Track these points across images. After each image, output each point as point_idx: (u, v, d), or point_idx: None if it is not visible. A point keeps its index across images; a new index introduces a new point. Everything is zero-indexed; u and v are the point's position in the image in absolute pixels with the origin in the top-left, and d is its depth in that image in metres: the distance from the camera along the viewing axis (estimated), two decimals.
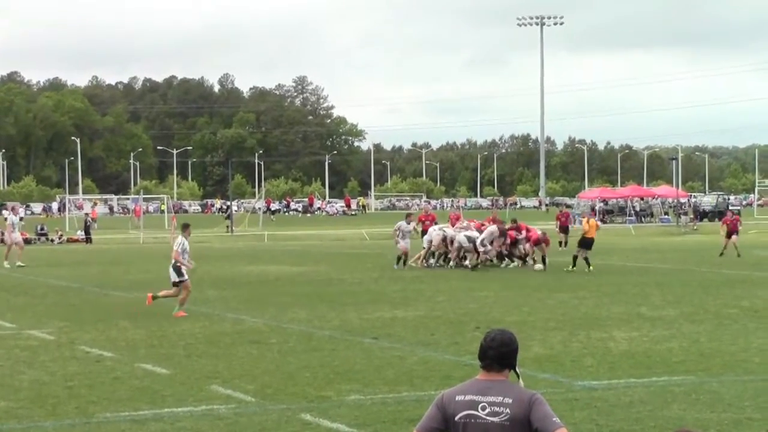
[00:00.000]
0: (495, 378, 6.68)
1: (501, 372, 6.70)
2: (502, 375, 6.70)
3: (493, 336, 6.79)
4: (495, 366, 6.70)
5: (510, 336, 6.80)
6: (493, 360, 6.70)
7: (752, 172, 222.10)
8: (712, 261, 41.56)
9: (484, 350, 6.75)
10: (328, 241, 66.10)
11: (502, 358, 6.70)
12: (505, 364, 6.72)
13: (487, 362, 6.72)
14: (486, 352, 6.73)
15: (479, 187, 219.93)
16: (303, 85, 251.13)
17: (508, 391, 6.61)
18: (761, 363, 17.18)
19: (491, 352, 6.72)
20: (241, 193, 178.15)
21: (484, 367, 6.73)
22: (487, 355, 6.72)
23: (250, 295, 29.62)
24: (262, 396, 14.69)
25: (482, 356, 6.75)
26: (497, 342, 6.74)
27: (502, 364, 6.71)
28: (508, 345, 6.74)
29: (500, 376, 6.69)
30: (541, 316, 23.76)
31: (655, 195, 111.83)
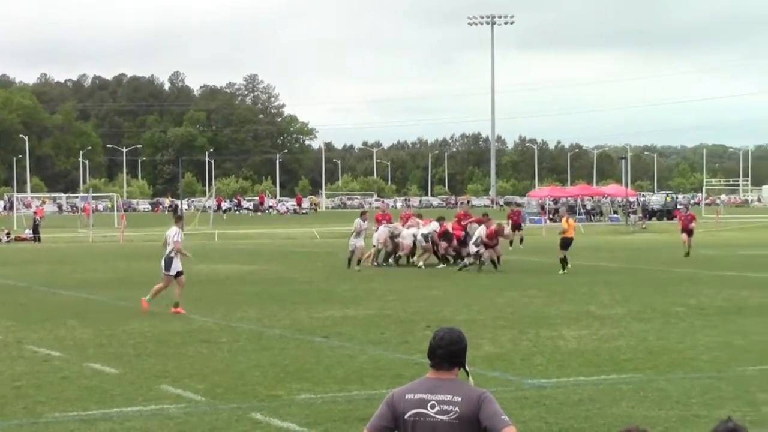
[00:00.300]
0: (444, 376, 6.70)
1: (450, 370, 6.73)
2: (451, 373, 6.72)
3: (442, 335, 6.81)
4: (444, 364, 6.72)
5: (459, 334, 6.82)
6: (442, 358, 6.72)
7: (700, 171, 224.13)
8: (661, 259, 41.91)
9: (433, 349, 6.77)
10: (278, 240, 65.98)
11: (451, 357, 6.72)
12: (455, 362, 6.74)
13: (436, 361, 6.74)
14: (435, 351, 6.75)
15: (430, 186, 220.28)
16: (254, 84, 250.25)
17: (458, 389, 6.63)
18: (708, 361, 17.35)
19: (440, 350, 6.73)
20: (191, 191, 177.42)
21: (433, 365, 6.75)
22: (437, 354, 6.74)
23: (200, 294, 29.48)
24: (212, 395, 14.64)
25: (431, 355, 6.77)
26: (446, 341, 6.76)
27: (452, 363, 6.73)
28: (457, 343, 6.76)
29: (450, 375, 6.71)
30: (491, 314, 23.85)
31: (604, 194, 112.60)
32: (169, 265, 25.10)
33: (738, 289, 29.58)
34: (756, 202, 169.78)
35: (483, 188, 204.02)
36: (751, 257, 43.75)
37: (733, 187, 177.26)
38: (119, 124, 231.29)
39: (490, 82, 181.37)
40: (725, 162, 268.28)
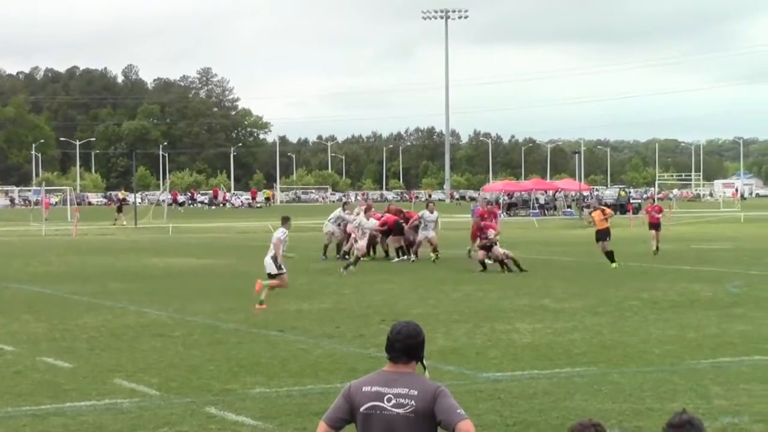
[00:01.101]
0: (401, 370, 6.72)
1: (408, 364, 6.75)
2: (408, 367, 6.74)
3: (399, 328, 6.82)
4: (402, 358, 6.74)
5: (416, 328, 6.84)
6: (400, 352, 6.74)
7: (653, 165, 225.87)
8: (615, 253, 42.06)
9: (391, 343, 6.78)
10: (233, 234, 65.72)
11: (408, 350, 6.74)
12: (412, 356, 6.76)
13: (393, 354, 6.76)
14: (393, 345, 6.77)
15: (385, 180, 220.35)
16: (208, 77, 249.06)
17: (414, 383, 6.64)
18: (661, 354, 17.48)
19: (398, 344, 6.75)
20: (145, 185, 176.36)
21: (391, 359, 6.77)
22: (394, 348, 6.75)
23: (154, 287, 29.37)
24: (167, 389, 14.58)
25: (389, 348, 6.78)
26: (403, 334, 6.77)
27: (409, 356, 6.75)
28: (414, 337, 6.78)
29: (407, 368, 6.73)
30: (446, 308, 23.91)
31: (558, 188, 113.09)
32: (277, 263, 24.85)
33: (691, 282, 29.80)
34: (708, 196, 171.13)
35: (437, 182, 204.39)
36: (704, 251, 44.09)
37: (685, 181, 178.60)
38: (72, 117, 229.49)
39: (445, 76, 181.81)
40: (677, 156, 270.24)
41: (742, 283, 29.41)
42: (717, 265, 35.75)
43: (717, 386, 14.65)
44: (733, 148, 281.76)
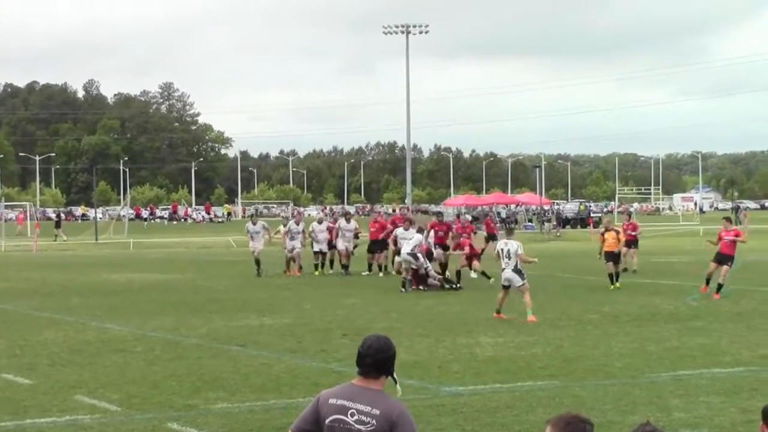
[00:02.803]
0: (369, 385, 6.69)
1: (378, 378, 6.72)
2: (378, 382, 6.72)
3: (370, 342, 6.79)
4: (372, 372, 6.71)
5: (386, 342, 6.81)
6: (370, 367, 6.71)
7: (613, 180, 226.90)
8: (575, 267, 42.31)
9: (361, 357, 6.74)
10: (194, 249, 65.56)
11: (378, 365, 6.72)
12: (382, 370, 6.74)
13: (363, 369, 6.73)
14: (363, 359, 6.73)
15: (346, 194, 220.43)
16: (169, 92, 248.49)
17: (378, 402, 6.62)
18: (622, 367, 17.58)
19: (368, 359, 6.72)
20: (105, 200, 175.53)
21: (360, 373, 6.74)
22: (364, 362, 6.72)
23: (115, 303, 29.23)
24: (128, 405, 14.51)
25: (359, 362, 6.75)
26: (374, 348, 6.74)
27: (379, 371, 6.72)
28: (384, 351, 6.76)
29: (376, 384, 6.70)
30: (408, 322, 23.93)
31: (519, 202, 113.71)
32: (522, 274, 24.59)
33: (651, 296, 30.00)
34: (667, 210, 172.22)
35: (399, 196, 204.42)
36: (664, 264, 44.37)
37: (645, 195, 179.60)
38: (32, 132, 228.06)
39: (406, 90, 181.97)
40: (637, 170, 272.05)
41: (701, 297, 29.61)
42: (677, 279, 35.99)
43: (677, 399, 14.76)
44: (692, 162, 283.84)
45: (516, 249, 24.69)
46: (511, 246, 24.81)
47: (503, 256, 24.77)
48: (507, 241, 25.28)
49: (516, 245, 24.87)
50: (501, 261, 24.84)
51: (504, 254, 24.77)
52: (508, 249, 24.75)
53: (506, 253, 24.73)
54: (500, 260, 24.90)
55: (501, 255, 24.88)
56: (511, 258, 24.59)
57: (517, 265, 24.58)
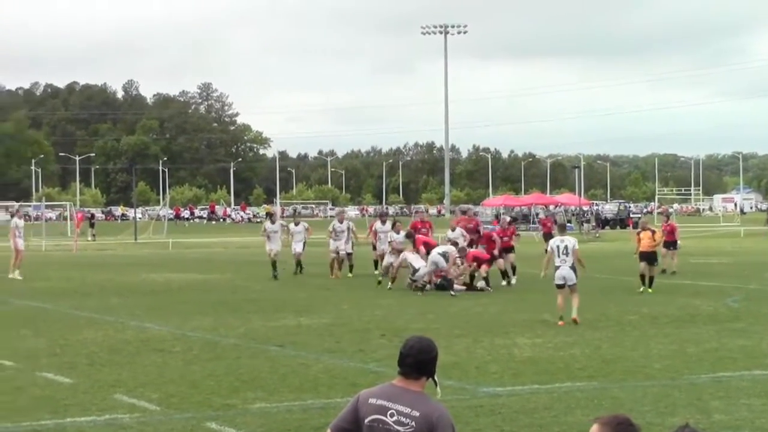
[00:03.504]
0: (410, 386, 6.66)
1: (418, 380, 6.68)
2: (418, 383, 6.68)
3: (412, 343, 6.75)
4: (413, 373, 6.68)
5: (429, 343, 6.77)
6: (411, 367, 6.67)
7: (652, 180, 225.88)
8: (614, 268, 42.11)
9: (403, 357, 6.71)
10: (233, 249, 65.77)
11: (419, 366, 6.68)
12: (423, 371, 6.69)
13: (404, 369, 6.69)
14: (404, 360, 6.70)
15: (384, 195, 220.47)
16: (208, 92, 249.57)
17: (418, 404, 6.58)
18: (661, 369, 17.48)
19: (409, 359, 6.68)
20: (145, 200, 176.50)
21: (401, 373, 6.71)
22: (405, 363, 6.68)
23: (154, 302, 29.37)
24: (167, 405, 14.57)
25: (400, 363, 6.72)
26: (416, 349, 6.70)
27: (420, 372, 6.68)
28: (426, 352, 6.72)
29: (416, 385, 6.67)
30: (446, 323, 23.89)
31: (558, 203, 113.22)
32: (576, 272, 23.92)
33: (690, 297, 29.83)
34: (707, 211, 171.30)
35: (437, 197, 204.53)
36: (704, 265, 44.09)
37: (685, 196, 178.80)
38: (72, 132, 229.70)
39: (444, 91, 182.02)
40: (677, 171, 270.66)
41: (741, 298, 29.44)
42: (717, 280, 35.76)
43: (717, 401, 14.65)
44: (733, 163, 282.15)
45: (574, 245, 23.96)
46: (568, 242, 24.00)
47: (559, 253, 23.86)
48: (563, 237, 24.39)
49: (573, 241, 24.15)
50: (555, 258, 23.95)
51: (561, 251, 23.86)
52: (565, 245, 23.88)
53: (563, 249, 23.86)
54: (554, 258, 24.01)
55: (557, 252, 23.93)
56: (569, 255, 23.79)
57: (574, 263, 23.87)
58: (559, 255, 23.89)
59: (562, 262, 23.81)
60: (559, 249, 23.93)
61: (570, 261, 23.75)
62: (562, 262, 23.82)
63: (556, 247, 24.05)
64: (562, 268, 23.81)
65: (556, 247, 24.07)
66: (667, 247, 39.74)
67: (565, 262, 23.77)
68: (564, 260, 23.78)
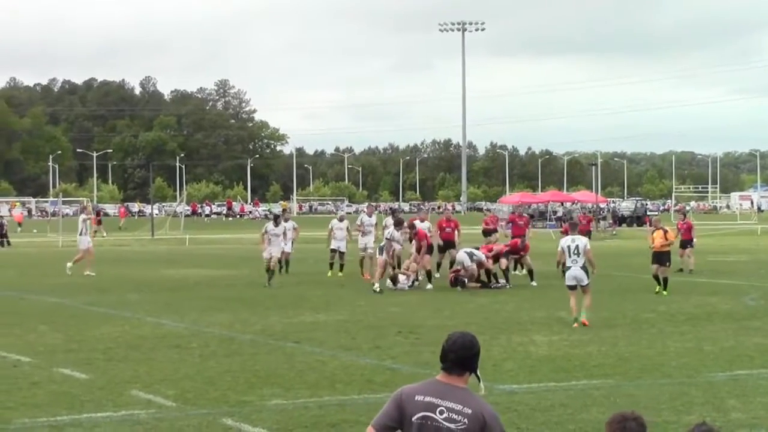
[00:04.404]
0: (455, 382, 6.68)
1: (461, 376, 6.71)
2: (462, 379, 6.71)
3: (455, 339, 6.77)
4: (455, 369, 6.70)
5: (471, 339, 6.80)
6: (454, 363, 6.69)
7: (669, 178, 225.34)
8: (630, 266, 42.01)
9: (445, 353, 6.73)
10: (249, 245, 65.77)
11: (462, 362, 6.70)
12: (466, 367, 6.72)
13: (447, 365, 6.71)
14: (447, 355, 6.72)
15: (401, 192, 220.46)
16: (225, 89, 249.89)
17: (469, 401, 6.61)
18: (677, 367, 17.44)
19: (452, 355, 6.70)
20: (162, 196, 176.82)
21: (444, 369, 6.72)
22: (448, 358, 6.71)
23: (170, 298, 29.42)
24: (183, 401, 14.59)
25: (443, 359, 6.75)
26: (458, 345, 6.73)
27: (463, 368, 6.71)
28: (469, 348, 6.74)
29: (460, 381, 6.69)
30: (462, 320, 23.86)
31: (574, 200, 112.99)
32: (587, 274, 23.15)
33: (707, 295, 29.75)
34: (725, 208, 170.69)
35: (454, 194, 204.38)
36: (720, 263, 43.97)
37: (702, 193, 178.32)
38: (89, 128, 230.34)
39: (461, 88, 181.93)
40: (694, 169, 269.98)
41: (758, 296, 29.36)
42: (734, 278, 35.66)
43: (734, 399, 14.62)
44: (750, 161, 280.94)
45: (585, 245, 23.27)
46: (579, 242, 23.30)
47: (570, 253, 23.16)
48: (574, 237, 23.65)
49: (585, 241, 23.48)
50: (566, 259, 23.31)
51: (572, 251, 23.15)
52: (576, 245, 23.18)
53: (574, 249, 23.15)
54: (565, 257, 23.37)
55: (567, 252, 23.24)
56: (580, 255, 23.08)
57: (585, 264, 23.14)
58: (570, 255, 23.24)
59: (573, 263, 23.16)
60: (570, 249, 23.26)
61: (581, 261, 23.09)
62: (573, 262, 23.17)
63: (567, 247, 23.35)
64: (573, 269, 23.17)
65: (567, 247, 23.36)
66: (683, 246, 39.55)
67: (576, 262, 23.11)
68: (575, 260, 23.13)
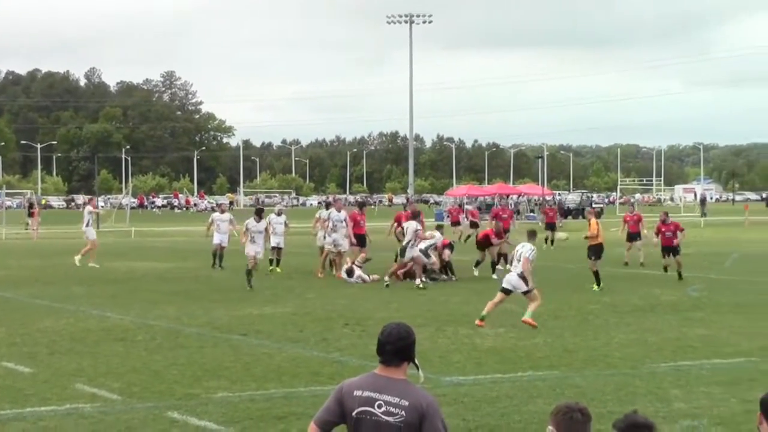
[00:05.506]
0: (393, 375, 6.70)
1: (399, 366, 6.73)
2: (400, 370, 6.73)
3: (390, 330, 6.80)
4: (394, 360, 6.72)
5: (407, 329, 6.83)
6: (392, 354, 6.71)
7: (614, 171, 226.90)
8: (576, 258, 42.16)
9: (382, 345, 6.75)
10: (196, 238, 65.49)
11: (399, 352, 6.72)
12: (404, 357, 6.75)
13: (385, 357, 6.73)
14: (384, 347, 6.74)
15: (348, 184, 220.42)
16: (171, 81, 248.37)
17: (406, 392, 6.63)
18: (622, 357, 17.60)
19: (389, 346, 6.72)
20: (107, 188, 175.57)
21: (382, 361, 6.74)
22: (385, 350, 6.73)
23: (116, 291, 29.23)
24: (129, 394, 14.51)
25: (380, 351, 6.76)
26: (394, 336, 6.75)
27: (401, 358, 6.74)
28: (404, 338, 6.77)
29: (399, 373, 6.72)
30: (409, 312, 23.89)
31: (521, 193, 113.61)
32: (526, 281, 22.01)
33: (652, 287, 30.01)
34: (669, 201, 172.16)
35: (401, 186, 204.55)
36: None
37: (647, 186, 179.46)
38: (33, 119, 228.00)
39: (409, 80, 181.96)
40: (638, 162, 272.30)
41: (702, 287, 29.65)
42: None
43: (677, 389, 14.77)
44: (694, 154, 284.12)
45: (525, 254, 22.05)
46: (523, 251, 22.32)
47: (516, 258, 22.40)
48: (525, 243, 22.72)
49: (530, 250, 22.38)
50: (514, 262, 22.47)
51: (516, 257, 22.40)
52: (521, 253, 22.28)
53: (518, 256, 22.31)
54: (514, 262, 22.52)
55: (514, 258, 22.49)
56: (520, 262, 22.13)
57: (524, 273, 22.06)
58: (514, 259, 22.50)
59: (513, 268, 22.40)
60: (516, 253, 22.50)
61: (519, 268, 22.12)
62: (514, 267, 22.41)
63: (516, 251, 22.64)
64: (510, 274, 22.38)
65: (516, 251, 22.66)
66: (631, 239, 39.68)
67: (516, 268, 22.24)
68: (516, 266, 22.29)
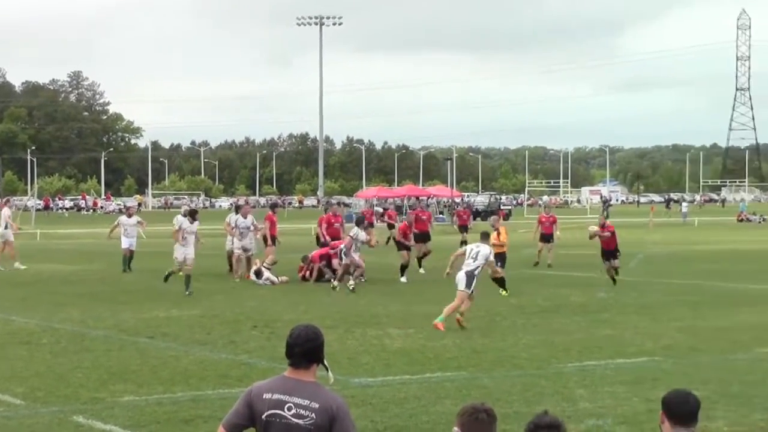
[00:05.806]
0: (303, 377, 6.72)
1: (309, 368, 6.76)
2: (310, 372, 6.75)
3: (298, 332, 6.81)
4: (302, 363, 6.74)
5: (315, 330, 6.86)
6: (300, 356, 6.73)
7: (522, 173, 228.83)
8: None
9: (291, 347, 6.76)
10: (103, 240, 64.76)
11: (308, 354, 6.75)
12: (313, 359, 6.78)
13: (294, 359, 6.75)
14: (292, 349, 6.75)
15: (258, 186, 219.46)
16: (78, 81, 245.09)
17: (316, 394, 6.65)
18: (529, 358, 17.78)
19: (297, 348, 6.74)
20: (12, 190, 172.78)
21: (291, 364, 6.76)
22: (294, 352, 6.74)
23: (21, 294, 28.81)
24: (33, 398, 14.33)
25: (289, 354, 6.77)
26: (302, 338, 6.77)
27: (310, 360, 6.76)
28: (313, 340, 6.79)
29: (308, 375, 6.74)
30: (318, 314, 23.89)
31: (430, 194, 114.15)
32: (470, 281, 21.97)
33: (558, 288, 30.34)
34: (575, 203, 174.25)
35: (311, 188, 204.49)
36: (571, 256, 44.74)
37: (554, 188, 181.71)
38: None
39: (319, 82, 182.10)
40: (546, 164, 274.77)
41: (609, 289, 30.03)
42: (584, 270, 36.36)
43: (582, 389, 14.97)
44: (600, 156, 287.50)
45: (488, 255, 22.33)
46: (482, 250, 22.39)
47: (470, 256, 22.27)
48: (480, 244, 22.79)
49: (488, 250, 22.56)
50: (467, 260, 22.27)
51: (471, 255, 22.30)
52: (478, 251, 22.30)
53: (474, 254, 22.26)
54: (466, 259, 22.32)
55: (467, 255, 22.36)
56: (478, 260, 22.12)
57: (475, 271, 22.05)
58: (468, 258, 22.35)
59: (466, 266, 22.26)
60: (470, 252, 22.48)
61: (472, 266, 22.07)
62: (466, 265, 22.26)
63: (469, 250, 22.67)
64: (461, 271, 22.25)
65: (469, 250, 22.71)
66: (545, 240, 40.30)
67: (470, 266, 22.15)
68: (468, 264, 22.19)
